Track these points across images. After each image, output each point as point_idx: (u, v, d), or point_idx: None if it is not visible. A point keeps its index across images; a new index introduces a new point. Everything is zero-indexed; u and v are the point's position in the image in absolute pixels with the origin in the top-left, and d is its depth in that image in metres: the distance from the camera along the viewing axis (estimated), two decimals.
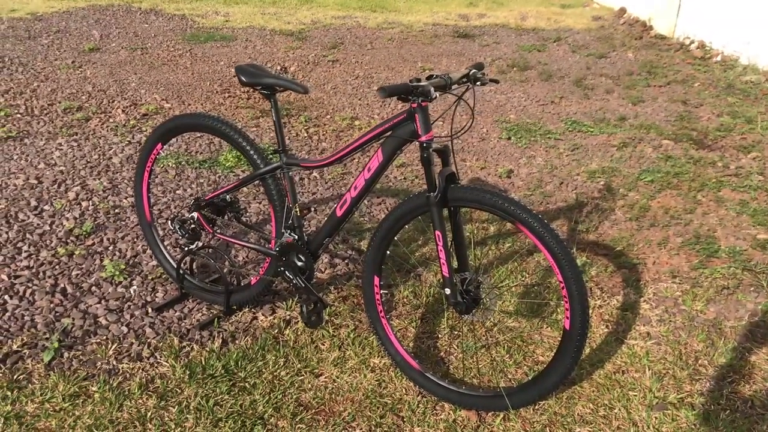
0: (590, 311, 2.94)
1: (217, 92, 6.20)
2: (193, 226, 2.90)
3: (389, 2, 10.98)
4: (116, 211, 3.79)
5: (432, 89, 2.15)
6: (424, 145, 2.28)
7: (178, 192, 4.08)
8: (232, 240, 2.93)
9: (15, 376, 2.54)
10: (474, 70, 2.39)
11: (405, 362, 2.60)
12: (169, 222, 2.93)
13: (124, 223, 3.67)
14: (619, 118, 5.80)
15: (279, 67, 7.08)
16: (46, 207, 3.76)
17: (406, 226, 2.56)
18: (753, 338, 2.95)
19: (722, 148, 5.11)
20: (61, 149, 4.59)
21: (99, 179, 4.15)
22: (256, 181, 2.76)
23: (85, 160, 4.44)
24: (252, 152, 2.69)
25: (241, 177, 3.91)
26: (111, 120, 5.26)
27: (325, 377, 2.66)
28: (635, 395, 2.59)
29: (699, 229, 3.89)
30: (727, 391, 2.63)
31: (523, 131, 5.40)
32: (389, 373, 2.68)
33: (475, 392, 2.52)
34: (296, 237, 2.68)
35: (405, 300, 3.14)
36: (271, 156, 2.73)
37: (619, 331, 2.98)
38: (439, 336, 2.94)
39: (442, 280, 2.38)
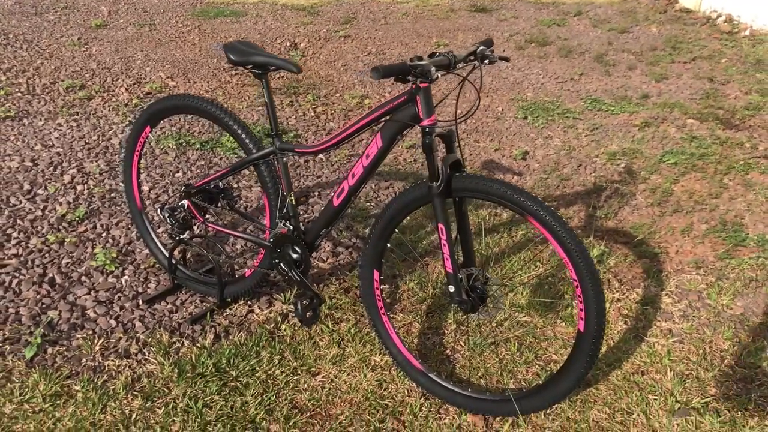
0: (607, 306, 2.77)
1: (224, 69, 6.01)
2: (183, 214, 2.73)
3: None
4: (111, 195, 3.63)
5: (433, 68, 1.94)
6: (426, 129, 2.09)
7: (177, 175, 3.91)
8: (223, 230, 2.75)
9: None
10: (482, 47, 2.18)
11: (407, 362, 2.43)
12: (159, 210, 2.76)
13: (119, 208, 3.51)
14: (641, 96, 5.54)
15: (288, 43, 6.87)
16: (40, 191, 3.61)
17: (408, 217, 2.38)
18: None
19: (750, 128, 4.84)
20: (60, 130, 4.44)
21: (96, 161, 4.00)
22: (250, 167, 2.58)
23: (84, 141, 4.29)
24: (243, 136, 2.51)
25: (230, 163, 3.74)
26: (114, 99, 5.10)
27: (323, 376, 2.50)
28: (655, 399, 2.41)
29: (725, 215, 3.67)
30: (755, 395, 2.43)
31: (541, 110, 5.17)
32: (391, 373, 2.51)
33: (481, 395, 2.34)
34: (291, 227, 2.51)
35: (410, 292, 2.96)
36: (264, 140, 2.55)
37: (639, 327, 2.78)
38: (445, 332, 2.76)
39: (445, 277, 2.19)
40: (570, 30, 7.72)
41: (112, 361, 2.51)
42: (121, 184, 3.74)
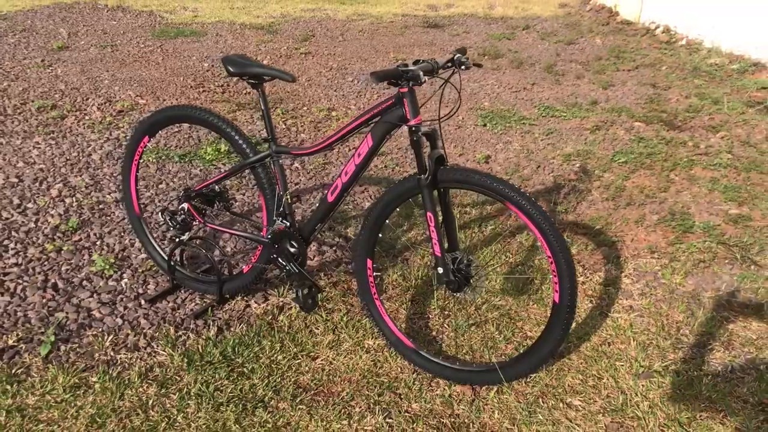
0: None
1: (191, 87, 6.19)
2: (183, 217, 2.93)
3: None
4: (100, 206, 3.79)
5: (421, 73, 2.21)
6: (413, 128, 2.35)
7: (161, 186, 4.09)
8: (224, 229, 2.96)
9: (13, 371, 2.55)
10: (458, 55, 2.46)
11: (400, 342, 2.67)
12: (159, 214, 2.95)
13: (109, 218, 3.68)
14: (590, 103, 5.92)
15: None
16: (30, 205, 3.75)
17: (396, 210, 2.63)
18: (730, 308, 3.07)
19: (692, 129, 5.25)
20: (39, 148, 4.56)
21: (80, 176, 4.14)
22: (246, 171, 2.79)
23: (65, 157, 4.42)
24: (241, 142, 2.72)
25: (228, 168, 3.94)
26: (87, 117, 5.23)
27: (322, 360, 2.71)
28: (622, 365, 2.69)
29: (674, 206, 4.02)
30: (708, 357, 2.75)
31: (498, 118, 5.49)
32: (384, 354, 2.74)
33: (468, 367, 2.60)
34: (288, 224, 2.73)
35: (395, 283, 3.20)
36: (259, 145, 2.76)
37: (603, 305, 3.08)
38: (430, 316, 3.01)
39: (434, 260, 2.44)
40: (520, 43, 8.12)
41: (124, 354, 2.69)
42: (108, 196, 3.91)
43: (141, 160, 3.05)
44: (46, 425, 2.33)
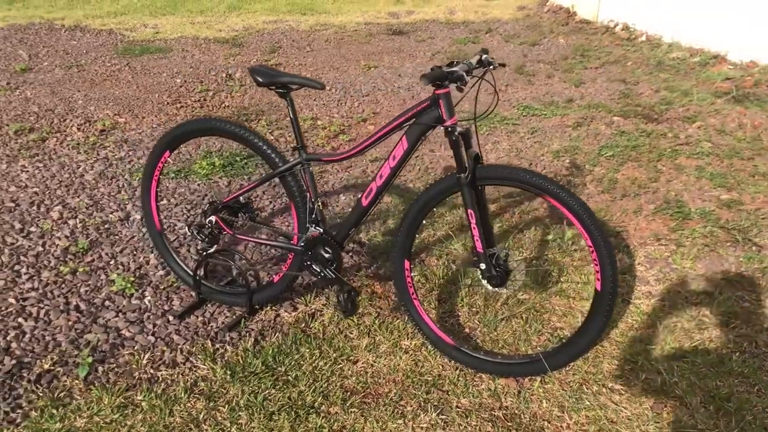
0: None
1: (168, 103, 6.13)
2: (210, 230, 2.92)
3: (317, 4, 11.04)
4: (106, 226, 3.74)
5: (464, 73, 2.26)
6: (449, 129, 2.40)
7: (162, 203, 4.05)
8: (256, 239, 2.97)
9: (56, 394, 2.51)
10: (485, 56, 2.52)
11: (440, 339, 2.71)
12: (187, 228, 2.93)
13: (117, 237, 3.63)
14: (566, 100, 6.07)
15: (224, 74, 7.04)
16: (33, 228, 3.67)
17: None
18: (742, 288, 3.20)
19: (669, 120, 5.43)
20: (28, 171, 4.47)
21: (78, 197, 4.08)
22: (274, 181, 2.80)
23: (57, 179, 4.34)
24: (269, 152, 2.73)
25: (256, 179, 3.94)
26: (69, 138, 5.14)
27: (363, 363, 2.74)
28: (653, 348, 2.79)
29: (667, 195, 4.16)
30: (732, 335, 2.86)
31: (482, 119, 5.57)
32: (423, 353, 2.78)
33: (510, 360, 2.66)
34: (322, 230, 2.74)
35: (418, 284, 3.24)
36: (288, 154, 2.78)
37: (623, 293, 3.17)
38: (459, 314, 3.06)
39: (476, 256, 2.49)
40: (485, 46, 8.24)
41: (164, 371, 2.67)
42: (111, 215, 3.85)
43: (161, 176, 3.03)
44: None
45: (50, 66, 7.37)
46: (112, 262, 3.40)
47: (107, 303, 3.08)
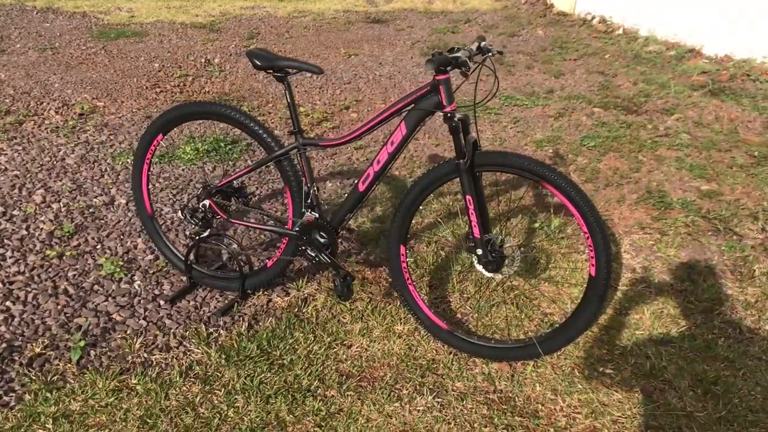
0: (579, 265, 3.20)
1: (147, 88, 6.05)
2: (203, 214, 2.90)
3: None
4: (91, 210, 3.69)
5: (467, 59, 2.28)
6: (449, 115, 2.42)
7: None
8: (249, 224, 2.96)
9: (49, 378, 2.48)
10: (483, 43, 2.54)
11: (434, 324, 2.73)
12: (180, 212, 2.91)
13: (103, 221, 3.59)
14: (547, 91, 6.12)
15: (203, 59, 6.97)
16: (15, 212, 3.61)
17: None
18: (725, 275, 3.27)
19: (648, 112, 5.51)
20: (6, 154, 4.39)
21: (61, 181, 4.02)
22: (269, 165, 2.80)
23: (37, 163, 4.27)
24: (265, 136, 2.72)
25: (251, 162, 3.92)
26: (47, 122, 5.05)
27: (357, 347, 2.75)
28: (641, 333, 2.85)
29: (649, 185, 4.23)
30: (717, 321, 2.93)
31: (463, 108, 5.60)
32: (416, 337, 2.80)
33: (504, 345, 2.69)
34: (317, 215, 2.75)
35: (410, 269, 3.25)
36: (285, 138, 2.77)
37: (611, 280, 3.22)
38: (450, 300, 3.08)
39: (473, 242, 2.52)
40: (465, 36, 8.28)
41: (158, 355, 2.65)
42: (95, 199, 3.81)
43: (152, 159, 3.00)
44: (97, 430, 2.29)
45: (23, 48, 7.22)
46: (99, 246, 3.36)
47: (96, 287, 3.05)
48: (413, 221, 3.64)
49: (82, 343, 2.64)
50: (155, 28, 8.37)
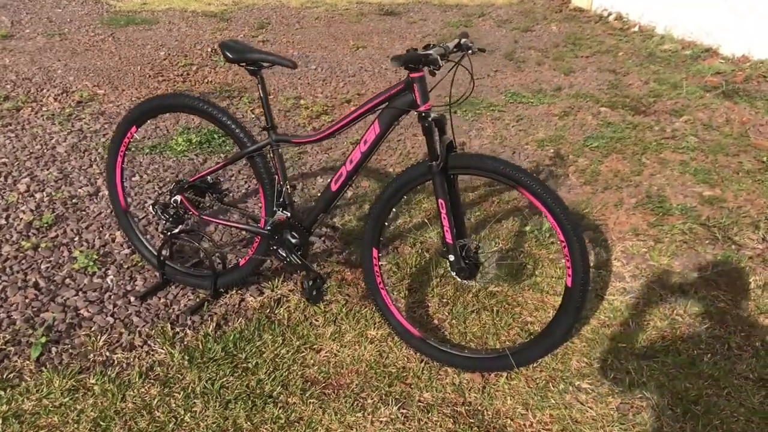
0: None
1: (150, 76, 6.00)
2: (175, 210, 2.82)
3: None
4: (74, 201, 3.64)
5: (439, 58, 2.17)
6: (423, 114, 2.31)
7: (134, 179, 3.95)
8: (221, 221, 2.88)
9: (5, 375, 2.43)
10: (465, 40, 2.43)
11: (406, 331, 2.64)
12: (150, 207, 2.84)
13: (84, 213, 3.53)
14: (554, 89, 5.98)
15: (210, 49, 6.90)
16: None
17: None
18: (718, 287, 3.14)
19: (656, 113, 5.35)
20: None
21: (48, 170, 3.97)
22: (242, 161, 2.71)
23: (28, 150, 4.23)
24: (238, 131, 2.64)
25: (225, 158, 3.84)
26: (44, 109, 5.02)
27: (326, 352, 2.66)
28: (624, 346, 2.73)
29: (649, 189, 4.09)
30: (705, 336, 2.80)
31: (467, 105, 5.48)
32: (388, 343, 2.71)
33: (477, 355, 2.59)
34: (289, 214, 2.66)
35: (390, 272, 3.17)
36: (258, 134, 2.69)
37: (597, 288, 3.11)
38: (429, 305, 2.98)
39: (445, 247, 2.41)
40: (477, 30, 8.14)
41: (120, 354, 2.59)
42: (80, 189, 3.75)
43: (126, 152, 2.93)
44: (48, 431, 2.22)
45: (32, 33, 7.21)
46: (76, 238, 3.31)
47: (67, 281, 2.99)
48: (397, 221, 3.57)
49: (43, 340, 2.58)
50: (166, 15, 8.34)
